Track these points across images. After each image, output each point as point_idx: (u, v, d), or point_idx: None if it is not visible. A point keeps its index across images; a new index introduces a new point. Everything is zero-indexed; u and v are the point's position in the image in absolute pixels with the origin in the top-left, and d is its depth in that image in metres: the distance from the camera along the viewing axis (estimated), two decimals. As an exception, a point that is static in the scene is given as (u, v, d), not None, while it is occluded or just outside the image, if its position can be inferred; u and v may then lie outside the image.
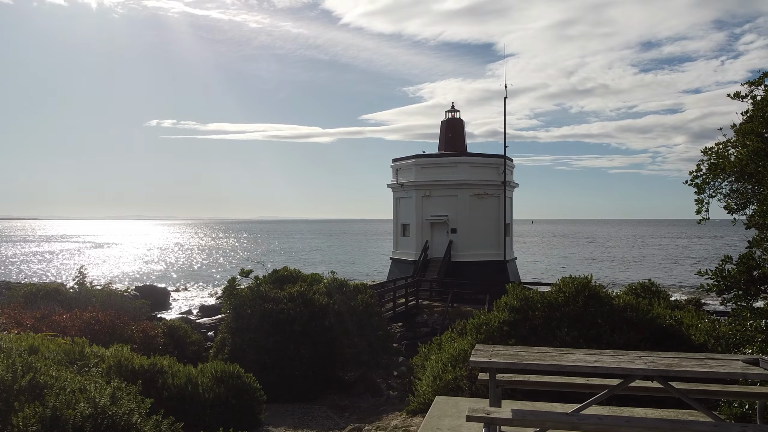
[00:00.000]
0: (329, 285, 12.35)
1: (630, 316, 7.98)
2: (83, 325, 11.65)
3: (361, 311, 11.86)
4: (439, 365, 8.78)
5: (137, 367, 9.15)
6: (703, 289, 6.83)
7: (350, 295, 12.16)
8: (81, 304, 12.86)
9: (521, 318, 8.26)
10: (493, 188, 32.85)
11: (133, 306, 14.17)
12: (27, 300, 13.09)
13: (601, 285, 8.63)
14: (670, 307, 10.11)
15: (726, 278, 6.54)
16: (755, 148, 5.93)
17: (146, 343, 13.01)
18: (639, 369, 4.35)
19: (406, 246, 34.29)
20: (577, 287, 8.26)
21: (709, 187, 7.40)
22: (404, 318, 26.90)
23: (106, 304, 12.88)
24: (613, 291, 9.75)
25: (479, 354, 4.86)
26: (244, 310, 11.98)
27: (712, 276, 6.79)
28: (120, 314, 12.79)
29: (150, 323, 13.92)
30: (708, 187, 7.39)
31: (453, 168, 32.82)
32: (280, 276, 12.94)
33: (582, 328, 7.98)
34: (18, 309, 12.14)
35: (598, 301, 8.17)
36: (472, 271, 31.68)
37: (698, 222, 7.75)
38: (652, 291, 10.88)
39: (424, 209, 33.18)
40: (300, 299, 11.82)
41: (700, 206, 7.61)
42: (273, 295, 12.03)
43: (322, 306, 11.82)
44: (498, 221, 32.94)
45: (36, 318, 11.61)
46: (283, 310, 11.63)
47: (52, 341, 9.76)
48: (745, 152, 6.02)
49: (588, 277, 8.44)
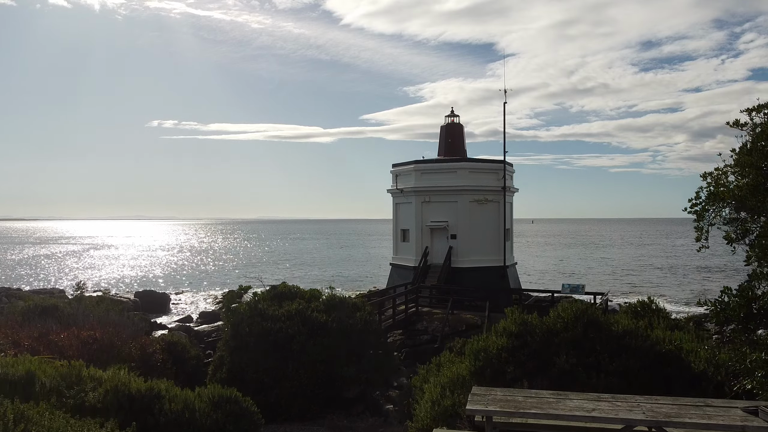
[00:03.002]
0: (328, 302, 12.31)
1: (629, 343, 7.93)
2: (81, 344, 11.61)
3: (360, 329, 11.82)
4: (438, 390, 8.74)
5: (134, 392, 9.11)
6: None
7: (349, 311, 12.12)
8: (79, 321, 12.82)
9: (519, 344, 8.22)
10: (493, 194, 32.78)
11: (131, 321, 14.13)
12: (24, 317, 13.05)
13: (599, 308, 8.57)
14: (670, 327, 10.05)
15: (725, 310, 6.50)
16: (755, 183, 5.88)
17: (144, 360, 12.98)
18: (637, 420, 4.31)
19: (406, 252, 34.23)
20: (576, 313, 8.21)
21: (709, 214, 7.35)
22: (404, 325, 26.84)
23: (104, 320, 12.83)
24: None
25: (475, 400, 4.82)
26: (243, 328, 11.94)
27: (712, 307, 6.74)
28: (118, 331, 12.75)
29: (148, 339, 13.89)
30: (707, 214, 7.35)
31: (452, 174, 32.76)
32: (279, 292, 12.90)
33: (581, 355, 7.94)
34: (15, 327, 12.12)
35: (597, 327, 8.12)
36: (473, 277, 31.62)
37: (698, 250, 7.70)
38: (652, 310, 10.82)
39: (423, 215, 33.12)
40: (298, 317, 11.78)
41: (699, 234, 7.56)
42: (271, 313, 11.99)
43: (321, 324, 11.78)
44: (498, 227, 32.88)
45: (33, 337, 11.57)
46: (281, 329, 11.59)
47: (50, 365, 9.72)
48: (745, 185, 5.97)
49: (587, 302, 8.39)
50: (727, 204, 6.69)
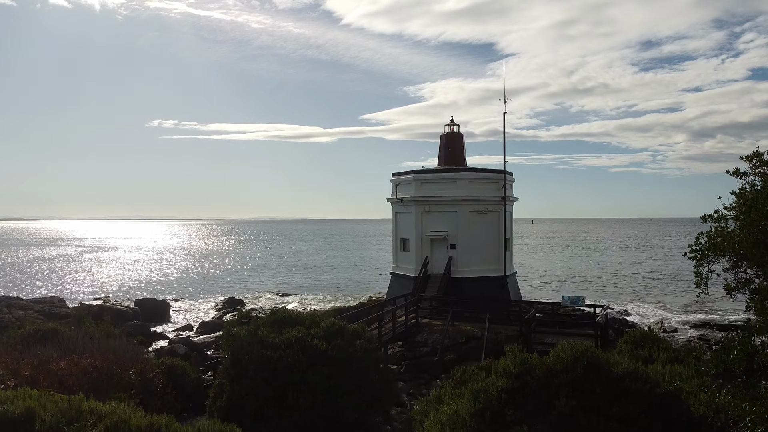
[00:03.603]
0: (328, 329, 12.31)
1: (629, 386, 7.93)
2: (81, 372, 11.62)
3: (360, 357, 11.82)
4: (438, 428, 8.74)
5: (134, 428, 9.10)
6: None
7: (349, 339, 12.12)
8: (79, 348, 12.83)
9: (519, 385, 8.21)
10: (493, 204, 32.79)
11: (131, 344, 14.14)
12: (24, 343, 13.06)
13: (599, 351, 8.56)
14: (670, 359, 10.05)
15: (725, 363, 6.50)
16: (755, 239, 5.87)
17: (144, 385, 12.98)
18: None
19: (406, 261, 34.24)
20: (576, 354, 8.21)
21: (708, 261, 7.35)
22: (404, 337, 26.85)
23: (103, 346, 12.84)
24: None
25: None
26: (243, 356, 11.94)
27: (712, 359, 6.74)
28: (118, 357, 12.77)
29: (148, 363, 13.90)
30: (707, 260, 7.34)
31: (452, 184, 32.78)
32: (279, 318, 12.89)
33: (581, 397, 7.93)
34: (15, 355, 12.13)
35: (597, 368, 8.12)
36: (473, 287, 31.63)
37: (697, 296, 7.70)
38: (652, 340, 10.83)
39: (423, 225, 33.13)
40: (298, 345, 11.78)
41: (699, 279, 7.56)
42: (271, 341, 11.98)
43: (321, 352, 11.78)
44: (498, 236, 32.89)
45: (33, 366, 11.57)
46: (281, 357, 11.59)
47: (49, 399, 9.73)
48: (746, 241, 5.97)
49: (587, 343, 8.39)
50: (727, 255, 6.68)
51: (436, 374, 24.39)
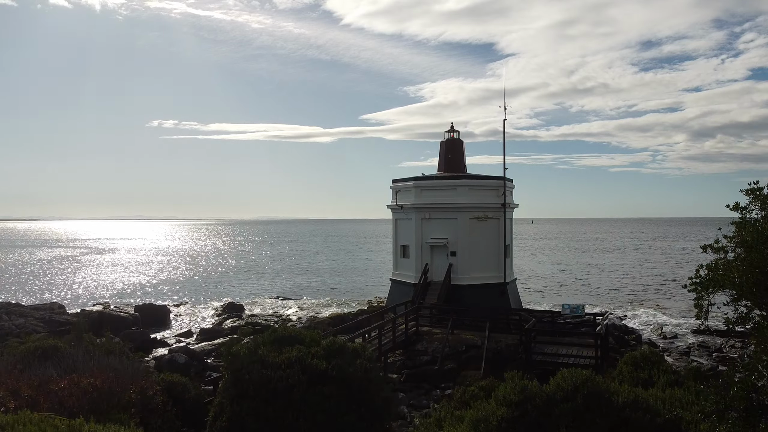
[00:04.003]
0: (328, 348, 12.31)
1: (629, 416, 7.93)
2: (81, 393, 11.63)
3: (360, 377, 11.82)
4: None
5: (134, 454, 9.14)
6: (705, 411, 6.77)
7: (349, 358, 12.11)
8: (79, 367, 12.84)
9: (519, 414, 8.22)
10: (493, 210, 32.79)
11: (131, 362, 14.15)
12: (24, 361, 13.06)
13: (600, 379, 8.55)
14: (670, 383, 10.05)
15: (725, 400, 6.50)
16: (755, 281, 5.88)
17: (145, 403, 12.98)
18: None
19: (406, 268, 34.23)
20: (576, 383, 8.21)
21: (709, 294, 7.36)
22: (404, 345, 26.85)
23: (103, 365, 12.85)
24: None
25: None
26: (243, 375, 11.93)
27: (712, 394, 6.74)
28: (118, 375, 12.77)
29: (148, 380, 13.89)
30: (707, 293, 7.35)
31: (452, 191, 32.77)
32: (279, 336, 12.89)
33: (581, 427, 7.95)
34: (15, 374, 12.13)
35: (598, 398, 8.12)
36: (473, 294, 31.63)
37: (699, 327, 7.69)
38: (653, 361, 10.81)
39: (423, 232, 33.13)
40: (298, 365, 11.78)
41: (699, 311, 7.57)
42: (271, 360, 11.98)
43: (321, 372, 11.77)
44: (498, 243, 32.88)
45: (33, 386, 11.58)
46: (281, 378, 11.58)
47: (49, 424, 9.74)
48: (747, 283, 5.97)
49: (587, 372, 8.39)
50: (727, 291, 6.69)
51: (437, 383, 24.42)
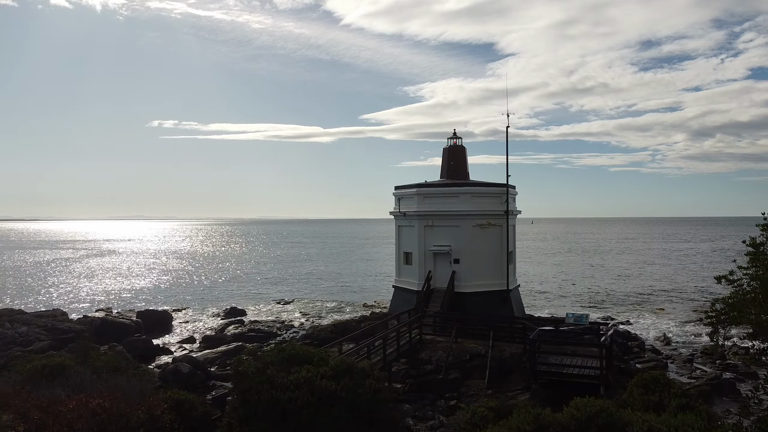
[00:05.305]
0: (336, 367, 12.30)
1: (643, 447, 7.90)
2: (90, 414, 11.59)
3: (369, 398, 11.81)
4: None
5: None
6: None
7: (358, 379, 12.10)
8: (87, 385, 12.81)
9: (534, 444, 8.19)
10: (496, 218, 32.75)
11: (138, 379, 14.13)
12: (31, 381, 13.03)
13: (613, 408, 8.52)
14: (681, 406, 10.02)
15: None
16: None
17: (152, 422, 12.97)
18: None
19: (409, 275, 34.19)
20: (590, 413, 8.19)
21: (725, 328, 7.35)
22: (408, 354, 26.79)
23: (111, 385, 12.83)
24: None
25: None
26: (252, 396, 11.93)
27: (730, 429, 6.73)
28: (126, 395, 12.74)
29: (156, 398, 13.86)
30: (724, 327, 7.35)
31: (455, 198, 32.72)
32: (288, 355, 12.88)
33: (596, 458, 7.92)
34: (23, 395, 12.08)
35: (612, 429, 8.09)
36: (476, 301, 31.60)
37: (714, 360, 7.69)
38: (662, 384, 10.79)
39: (426, 239, 33.09)
40: (307, 387, 11.77)
41: (715, 345, 7.55)
42: (280, 381, 11.97)
43: (330, 393, 11.77)
44: (501, 250, 32.84)
45: (42, 408, 11.54)
46: (290, 399, 11.58)
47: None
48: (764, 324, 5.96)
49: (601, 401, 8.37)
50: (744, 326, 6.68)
51: (441, 393, 24.37)
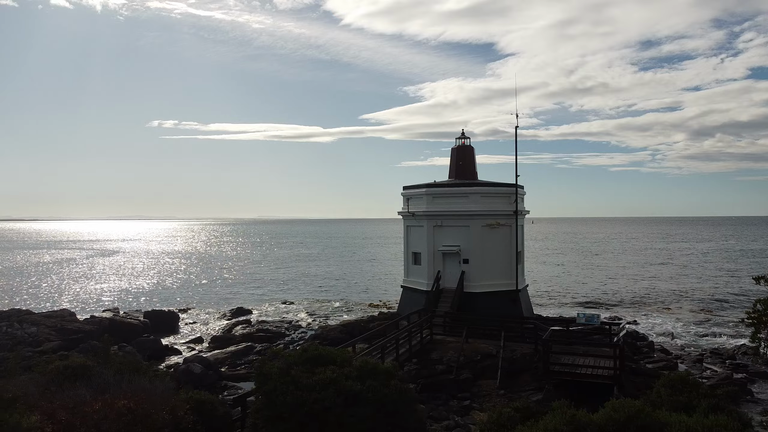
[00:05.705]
0: (361, 368, 12.29)
1: (683, 449, 7.90)
2: (116, 416, 11.61)
3: (395, 398, 11.81)
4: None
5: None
6: None
7: (383, 380, 12.10)
8: (110, 385, 12.83)
9: (571, 446, 8.18)
10: (505, 218, 32.75)
11: (161, 380, 14.14)
12: (54, 382, 13.05)
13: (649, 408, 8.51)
14: (712, 407, 10.02)
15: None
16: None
17: (176, 424, 12.99)
18: None
19: (418, 275, 34.19)
20: (629, 414, 8.18)
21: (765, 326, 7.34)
22: (418, 354, 26.79)
23: (135, 386, 12.84)
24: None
25: None
26: (277, 397, 11.92)
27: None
28: (150, 396, 12.76)
29: (178, 399, 13.89)
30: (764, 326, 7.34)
31: (464, 198, 32.73)
32: (311, 356, 12.87)
33: (635, 460, 7.92)
34: (48, 396, 12.10)
35: (650, 430, 8.09)
36: (485, 301, 31.60)
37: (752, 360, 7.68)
38: (690, 384, 10.79)
39: (435, 239, 33.09)
40: (332, 387, 11.75)
41: (758, 344, 7.55)
42: (305, 382, 11.96)
43: (356, 393, 11.75)
44: (510, 250, 32.85)
45: (69, 409, 11.56)
46: (317, 400, 11.57)
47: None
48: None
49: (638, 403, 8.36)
50: None
51: (453, 393, 24.38)
